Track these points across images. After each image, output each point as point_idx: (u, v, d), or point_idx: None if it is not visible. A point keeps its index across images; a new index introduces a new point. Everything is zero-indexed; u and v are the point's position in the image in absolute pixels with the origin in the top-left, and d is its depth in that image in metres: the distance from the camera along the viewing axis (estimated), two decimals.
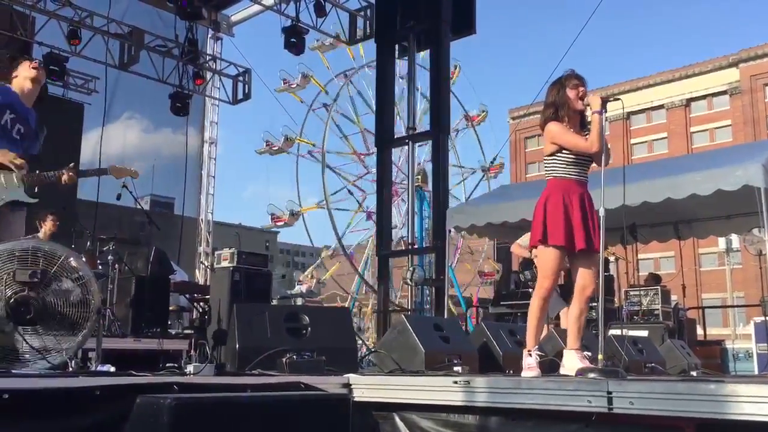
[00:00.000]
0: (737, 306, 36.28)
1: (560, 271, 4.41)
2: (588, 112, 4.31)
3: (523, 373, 4.26)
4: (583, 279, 4.28)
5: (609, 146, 4.35)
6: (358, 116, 24.92)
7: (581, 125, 4.39)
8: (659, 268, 32.30)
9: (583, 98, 4.29)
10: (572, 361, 4.18)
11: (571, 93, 4.28)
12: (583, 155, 4.30)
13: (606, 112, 4.22)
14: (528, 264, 7.87)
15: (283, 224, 24.33)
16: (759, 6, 72.38)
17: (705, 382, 3.19)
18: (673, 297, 10.73)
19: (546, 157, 4.38)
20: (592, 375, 3.76)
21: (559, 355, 4.50)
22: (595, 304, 4.91)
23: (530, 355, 4.27)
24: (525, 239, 7.96)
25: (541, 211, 4.28)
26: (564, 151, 4.29)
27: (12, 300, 3.76)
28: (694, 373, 6.77)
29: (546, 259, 4.28)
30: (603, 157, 4.29)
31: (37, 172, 4.55)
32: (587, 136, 4.26)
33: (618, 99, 4.40)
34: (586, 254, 4.26)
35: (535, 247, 4.40)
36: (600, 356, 4.03)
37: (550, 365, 4.72)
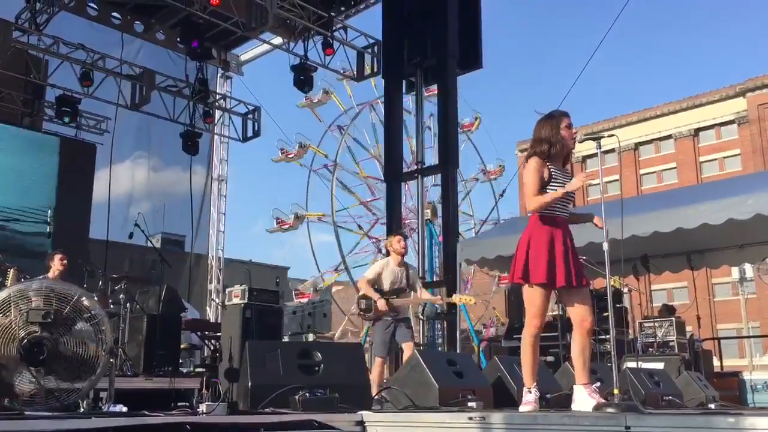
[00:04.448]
0: (754, 336, 35.83)
1: (548, 308, 4.42)
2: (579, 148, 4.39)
3: (521, 408, 4.27)
4: (580, 313, 4.28)
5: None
6: (379, 143, 25.10)
7: (564, 162, 4.46)
8: (672, 299, 31.98)
9: (575, 139, 4.39)
10: (582, 397, 4.15)
11: (565, 133, 4.34)
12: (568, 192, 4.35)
13: (600, 147, 4.32)
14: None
15: (288, 227, 24.24)
16: (764, 35, 72.86)
17: (724, 415, 3.14)
18: (688, 328, 10.61)
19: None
20: (609, 410, 3.71)
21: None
22: (608, 336, 4.88)
23: (530, 392, 4.30)
24: (370, 271, 7.26)
25: (524, 249, 4.31)
26: (548, 188, 4.31)
27: (25, 341, 3.76)
28: (712, 406, 6.66)
29: (532, 297, 4.30)
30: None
31: None
32: (548, 191, 4.28)
33: (613, 135, 4.43)
34: (577, 290, 4.28)
35: (513, 283, 4.44)
36: (615, 390, 3.99)
37: (566, 399, 4.67)
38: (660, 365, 8.14)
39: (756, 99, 42.99)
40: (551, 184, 4.31)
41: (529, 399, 4.26)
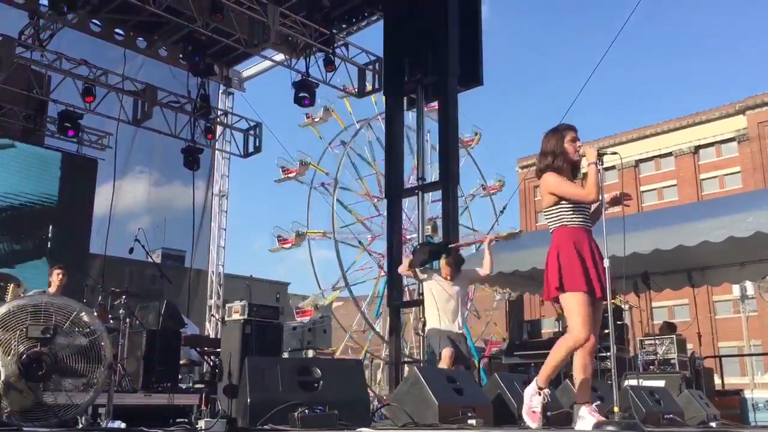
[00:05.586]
0: (755, 354, 35.70)
1: (593, 319, 4.21)
2: (583, 163, 4.35)
3: (526, 420, 4.21)
4: None
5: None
6: (375, 161, 25.20)
7: (573, 175, 4.44)
8: (673, 316, 31.93)
9: (579, 153, 4.36)
10: (584, 416, 4.11)
11: (569, 147, 4.34)
12: (582, 203, 4.32)
13: (602, 164, 4.26)
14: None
15: (289, 246, 24.29)
16: (764, 54, 73.18)
17: None
18: (689, 346, 10.57)
19: (548, 209, 4.38)
20: (610, 428, 3.69)
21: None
22: (608, 353, 4.85)
23: (539, 393, 4.21)
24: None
25: (554, 262, 4.23)
26: (565, 201, 4.30)
27: (24, 356, 3.76)
28: (713, 425, 6.62)
29: (573, 305, 4.14)
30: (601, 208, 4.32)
31: None
32: (562, 205, 4.28)
33: (615, 153, 4.43)
34: (594, 304, 4.22)
35: (550, 300, 4.33)
36: (616, 408, 3.96)
37: (567, 417, 4.65)
38: (661, 383, 8.11)
39: (756, 117, 43.13)
40: (565, 198, 4.29)
41: (535, 404, 4.17)
